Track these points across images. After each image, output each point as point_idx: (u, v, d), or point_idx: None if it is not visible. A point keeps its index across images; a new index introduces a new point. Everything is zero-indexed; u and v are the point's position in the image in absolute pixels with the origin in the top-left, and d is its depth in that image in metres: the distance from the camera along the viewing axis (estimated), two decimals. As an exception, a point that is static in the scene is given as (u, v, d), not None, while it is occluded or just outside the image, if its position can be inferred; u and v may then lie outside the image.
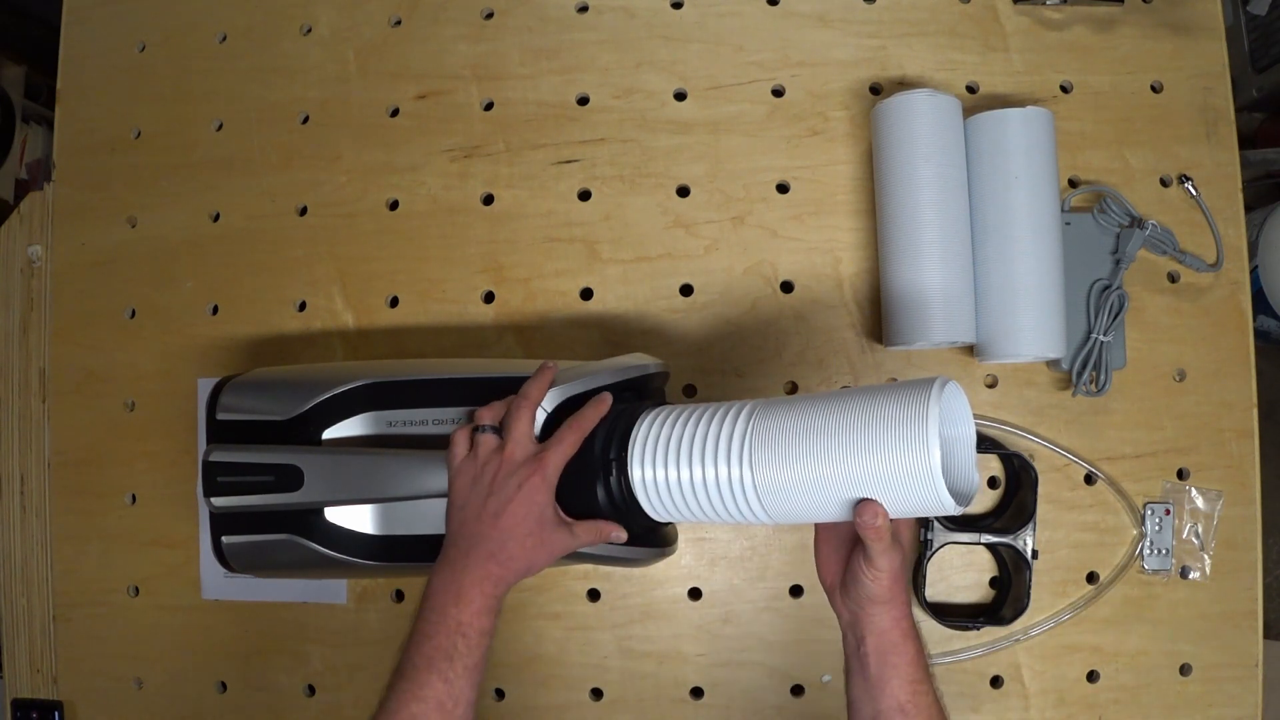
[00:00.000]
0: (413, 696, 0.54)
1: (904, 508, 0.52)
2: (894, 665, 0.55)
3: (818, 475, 0.52)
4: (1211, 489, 0.78)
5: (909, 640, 0.55)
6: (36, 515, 0.88)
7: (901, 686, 0.54)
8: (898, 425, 0.50)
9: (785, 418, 0.54)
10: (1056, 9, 0.82)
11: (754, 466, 0.54)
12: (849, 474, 0.52)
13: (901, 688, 0.54)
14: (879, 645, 0.55)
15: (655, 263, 0.82)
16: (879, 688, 0.55)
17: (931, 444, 0.49)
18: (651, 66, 0.84)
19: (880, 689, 0.55)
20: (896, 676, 0.55)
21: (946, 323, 0.72)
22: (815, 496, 0.53)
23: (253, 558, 0.69)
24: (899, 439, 0.50)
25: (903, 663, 0.55)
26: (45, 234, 0.90)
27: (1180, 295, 0.80)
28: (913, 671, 0.55)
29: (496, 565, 0.58)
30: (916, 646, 0.56)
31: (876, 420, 0.51)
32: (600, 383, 0.64)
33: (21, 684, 0.87)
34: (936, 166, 0.73)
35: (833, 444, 0.52)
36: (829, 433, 0.52)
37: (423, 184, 0.85)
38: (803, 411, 0.54)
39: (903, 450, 0.50)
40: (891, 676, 0.55)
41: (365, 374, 0.69)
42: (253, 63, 0.89)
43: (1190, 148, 0.81)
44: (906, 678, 0.55)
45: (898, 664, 0.55)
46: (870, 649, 0.56)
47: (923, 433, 0.49)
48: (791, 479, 0.53)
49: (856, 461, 0.51)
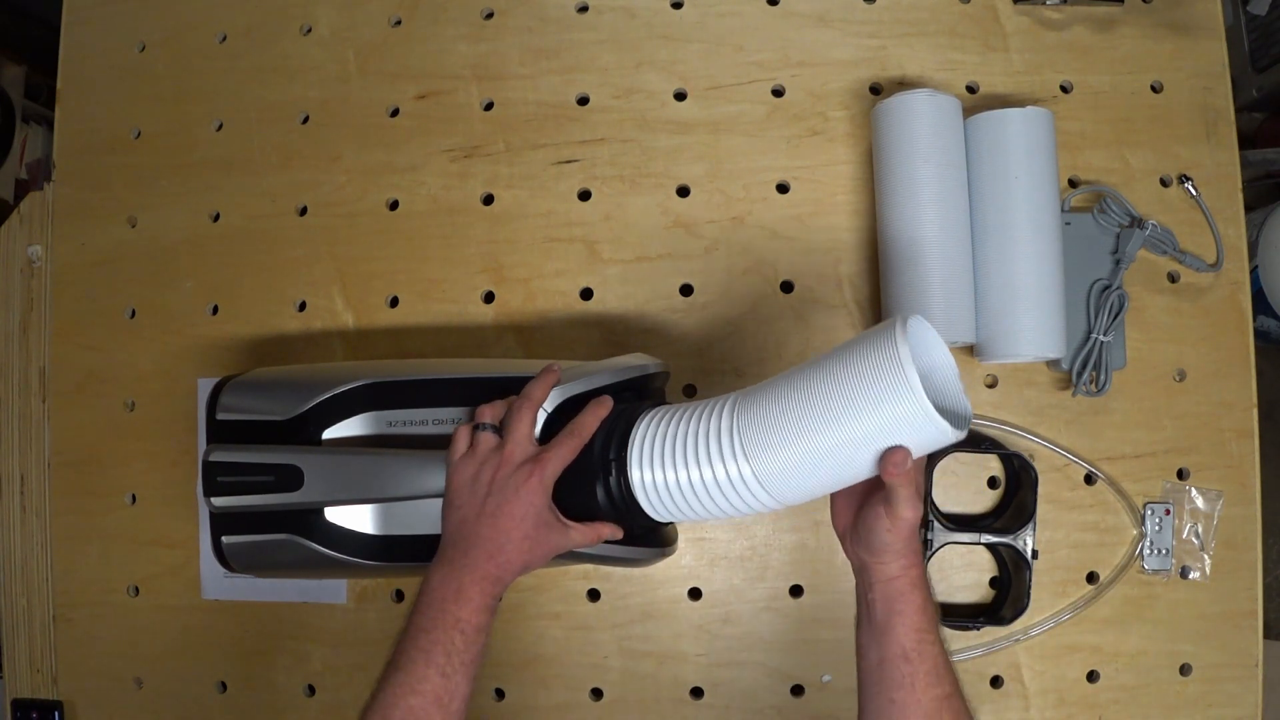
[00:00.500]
0: (410, 690, 0.54)
1: (896, 441, 0.52)
2: (900, 613, 0.55)
3: (814, 451, 0.53)
4: (1211, 489, 0.78)
5: (916, 589, 0.55)
6: (36, 515, 0.88)
7: (907, 634, 0.54)
8: (876, 377, 0.50)
9: (768, 402, 0.55)
10: (1056, 9, 0.82)
11: (750, 459, 0.55)
12: (845, 440, 0.52)
13: (907, 635, 0.54)
14: (886, 592, 0.55)
15: (655, 263, 0.82)
16: (885, 634, 0.55)
17: (913, 383, 0.49)
18: (651, 66, 0.84)
19: (886, 635, 0.55)
20: (902, 624, 0.54)
21: (946, 323, 0.72)
22: (819, 472, 0.54)
23: (253, 558, 0.69)
24: (881, 390, 0.50)
25: (909, 610, 0.55)
26: (45, 234, 0.90)
27: (1180, 295, 0.80)
28: (919, 620, 0.55)
29: (495, 565, 0.58)
30: (924, 596, 0.55)
31: (854, 379, 0.51)
32: (600, 383, 0.64)
33: (21, 684, 0.87)
34: (936, 166, 0.73)
35: (820, 416, 0.52)
36: (813, 406, 0.52)
37: (423, 184, 0.85)
38: (783, 391, 0.54)
39: (889, 399, 0.50)
40: (897, 624, 0.55)
41: (365, 374, 0.69)
42: (253, 63, 0.89)
43: (1190, 148, 0.81)
44: (912, 625, 0.54)
45: (904, 611, 0.55)
46: (878, 595, 0.56)
47: (900, 375, 0.49)
48: (789, 461, 0.54)
49: (848, 426, 0.51)
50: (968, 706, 0.55)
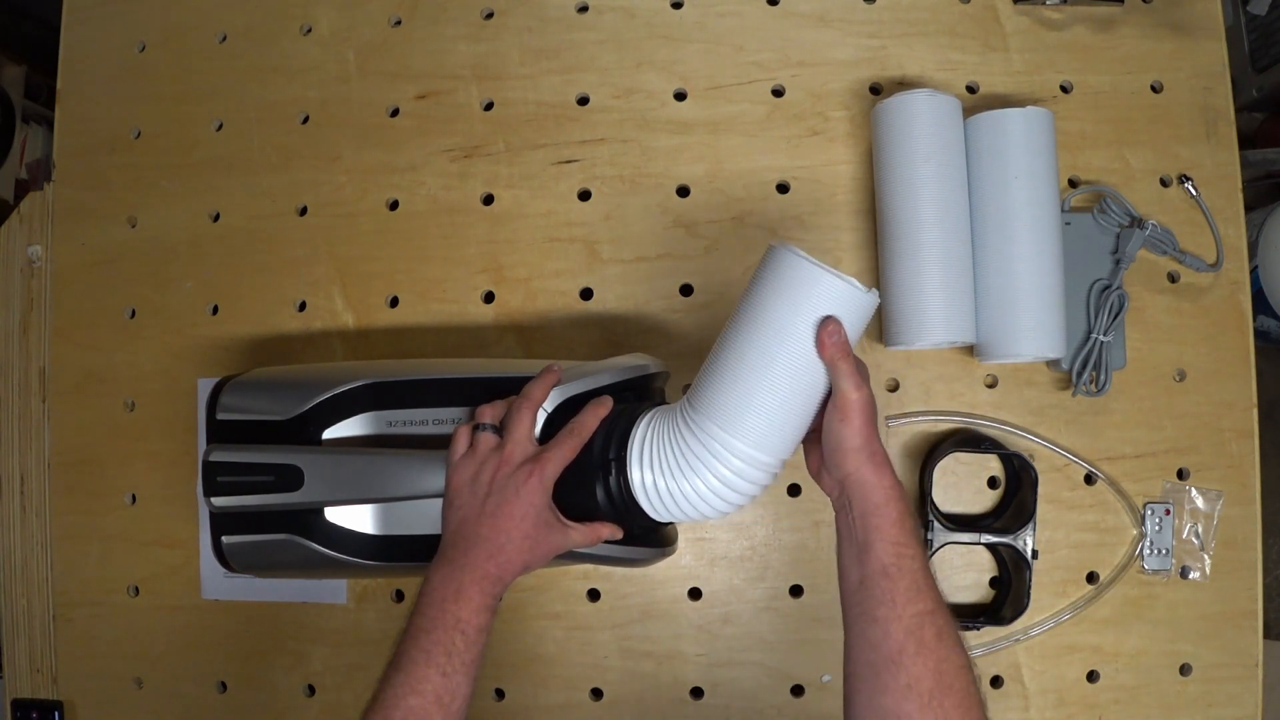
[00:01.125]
0: (410, 690, 0.54)
1: None
2: (877, 528, 0.54)
3: (771, 383, 0.56)
4: (1211, 489, 0.78)
5: (892, 503, 0.55)
6: (36, 515, 0.88)
7: (885, 549, 0.54)
8: (777, 281, 0.56)
9: (711, 374, 0.59)
10: (1056, 9, 0.82)
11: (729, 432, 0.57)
12: (787, 350, 0.55)
13: (886, 550, 0.54)
14: (863, 507, 0.55)
15: (655, 263, 0.82)
16: (865, 552, 0.54)
17: (807, 260, 0.55)
18: (651, 66, 0.84)
19: (866, 552, 0.54)
20: (880, 540, 0.54)
21: (946, 323, 0.72)
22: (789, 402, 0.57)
23: (253, 558, 0.69)
24: (786, 283, 0.56)
25: (885, 524, 0.54)
26: (45, 234, 0.90)
27: (1180, 295, 0.80)
28: (896, 534, 0.54)
29: (495, 565, 0.58)
30: (901, 509, 0.55)
31: (761, 297, 0.57)
32: (601, 383, 0.64)
33: (21, 684, 0.87)
34: (936, 166, 0.73)
35: (757, 348, 0.56)
36: (748, 343, 0.57)
37: (423, 184, 0.85)
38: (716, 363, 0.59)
39: (795, 286, 0.55)
40: (875, 540, 0.54)
41: (365, 374, 0.69)
42: (253, 63, 0.89)
43: (1190, 148, 0.81)
44: (890, 539, 0.54)
45: (880, 525, 0.54)
46: (857, 511, 0.55)
47: (794, 261, 0.56)
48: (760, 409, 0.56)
49: (780, 334, 0.56)
50: (952, 621, 0.54)
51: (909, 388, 0.80)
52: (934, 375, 0.80)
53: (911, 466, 0.80)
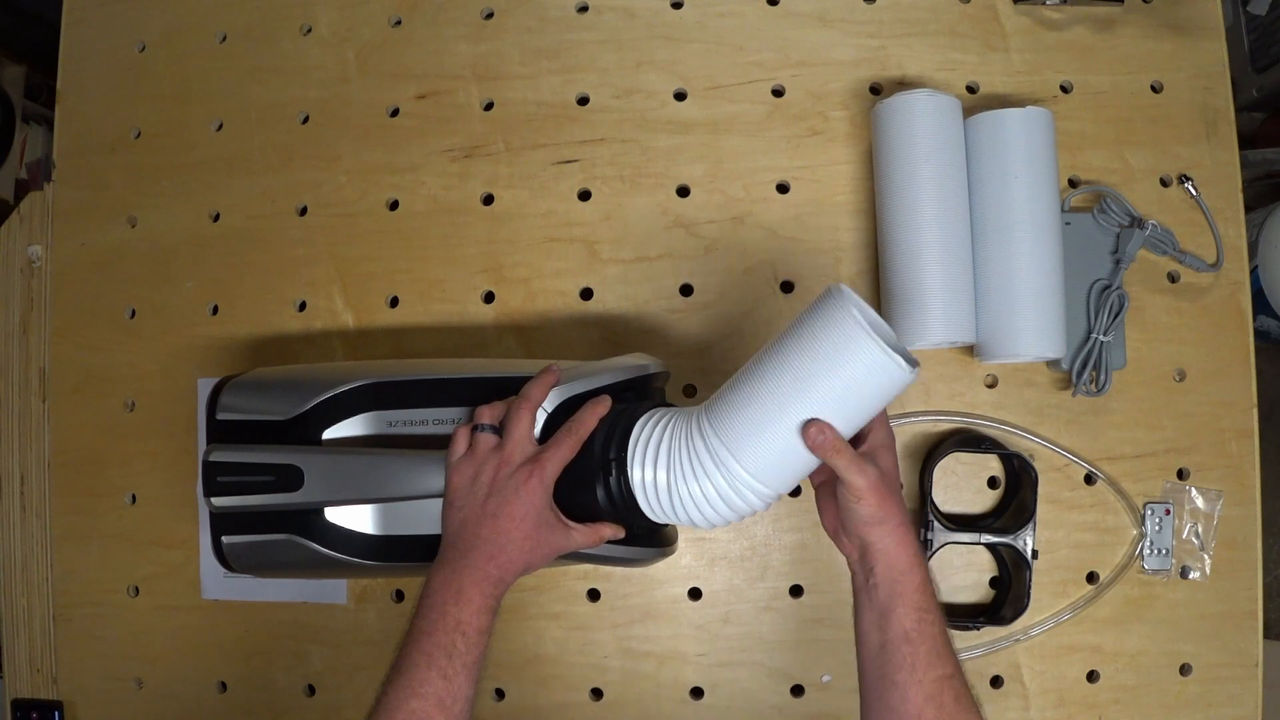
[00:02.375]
0: (412, 693, 0.54)
1: (861, 397, 0.54)
2: (900, 594, 0.55)
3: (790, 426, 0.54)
4: (1211, 489, 0.78)
5: (915, 568, 0.55)
6: (36, 515, 0.88)
7: (908, 614, 0.54)
8: (830, 334, 0.53)
9: (738, 394, 0.57)
10: (1056, 9, 0.82)
11: (734, 454, 0.56)
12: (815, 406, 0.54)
13: (908, 615, 0.54)
14: (887, 573, 0.55)
15: (655, 263, 0.82)
16: (886, 616, 0.55)
17: (866, 329, 0.52)
18: (651, 66, 0.84)
19: (888, 618, 0.55)
20: (903, 604, 0.55)
21: (946, 323, 0.72)
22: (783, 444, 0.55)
23: (253, 558, 0.69)
24: (838, 343, 0.53)
25: (909, 590, 0.55)
26: (45, 234, 0.90)
27: (1180, 295, 0.80)
28: (919, 599, 0.55)
29: (496, 567, 0.58)
30: (923, 575, 0.56)
31: (811, 342, 0.54)
32: (601, 383, 0.64)
33: (21, 684, 0.87)
34: (936, 166, 0.73)
35: (790, 388, 0.54)
36: (782, 381, 0.55)
37: (423, 184, 0.85)
38: (750, 378, 0.56)
39: (847, 349, 0.53)
40: (898, 604, 0.55)
41: (365, 374, 0.69)
42: (253, 63, 0.89)
43: (1190, 148, 0.81)
44: (913, 605, 0.55)
45: (904, 591, 0.55)
46: (879, 577, 0.56)
47: (854, 324, 0.52)
48: (769, 444, 0.55)
49: (815, 387, 0.54)
50: (968, 686, 0.55)
51: (909, 388, 0.80)
52: (934, 375, 0.80)
53: (911, 466, 0.80)
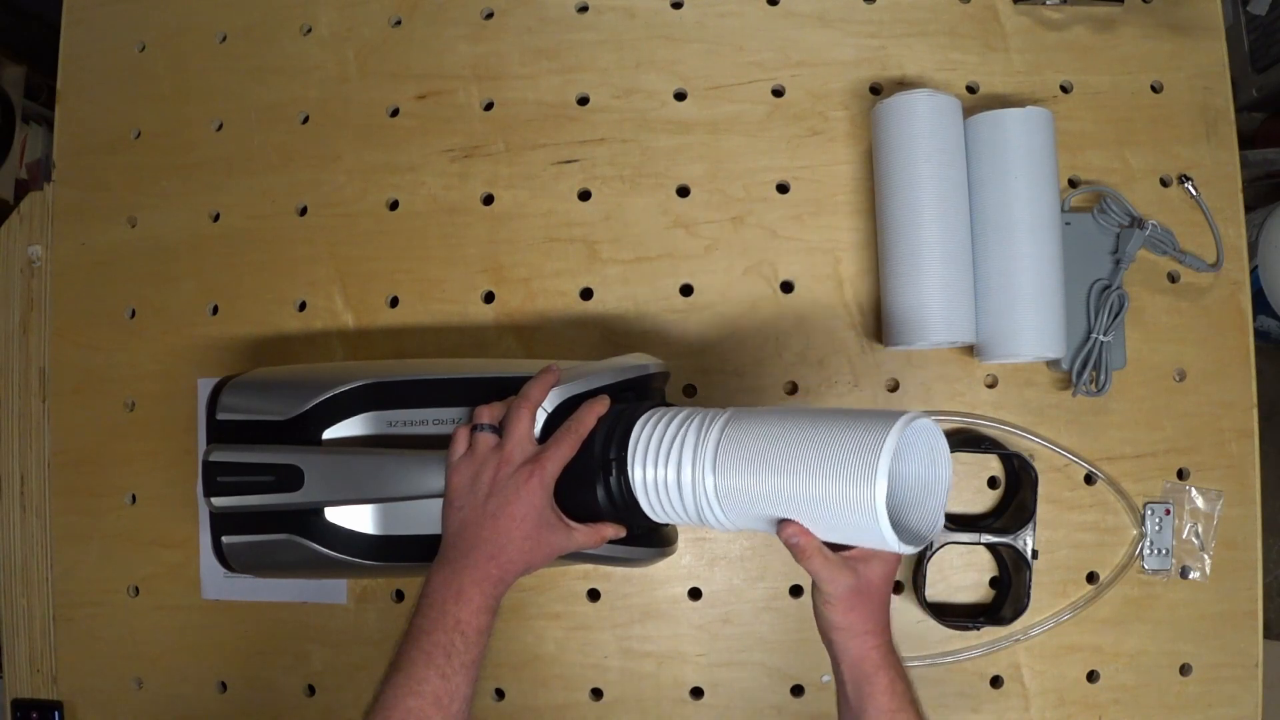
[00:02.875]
0: (409, 691, 0.54)
1: (846, 535, 0.52)
2: (869, 695, 0.55)
3: (773, 492, 0.53)
4: (1211, 489, 0.78)
5: (881, 670, 0.55)
6: (36, 515, 0.88)
7: (879, 715, 0.55)
8: (852, 453, 0.49)
9: (756, 429, 0.55)
10: (1056, 9, 0.82)
11: (718, 474, 0.55)
12: (801, 495, 0.52)
13: (879, 716, 0.55)
14: (853, 675, 0.56)
15: (655, 263, 0.82)
16: (858, 716, 0.56)
17: (879, 479, 0.47)
18: (651, 66, 0.84)
19: (860, 718, 0.55)
20: (873, 706, 0.55)
21: (946, 323, 0.72)
22: (769, 511, 0.54)
23: (253, 558, 0.69)
24: (849, 467, 0.49)
25: (876, 693, 0.55)
26: (45, 234, 0.90)
27: (1180, 295, 0.80)
28: (887, 701, 0.55)
29: (496, 567, 0.58)
30: (891, 676, 0.55)
31: (833, 445, 0.50)
32: (601, 383, 0.64)
33: (21, 684, 0.87)
34: (936, 166, 0.73)
35: (788, 462, 0.52)
36: (788, 450, 0.52)
37: (423, 184, 0.85)
38: (772, 425, 0.54)
39: (849, 480, 0.49)
40: (868, 706, 0.55)
41: (365, 374, 0.69)
42: (253, 63, 0.89)
43: (1190, 148, 0.81)
44: (883, 708, 0.55)
45: (872, 694, 0.55)
46: (846, 678, 0.56)
47: (871, 466, 0.48)
48: (749, 489, 0.54)
49: (808, 484, 0.51)
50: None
51: (909, 388, 0.80)
52: (934, 375, 0.80)
53: (911, 466, 0.80)
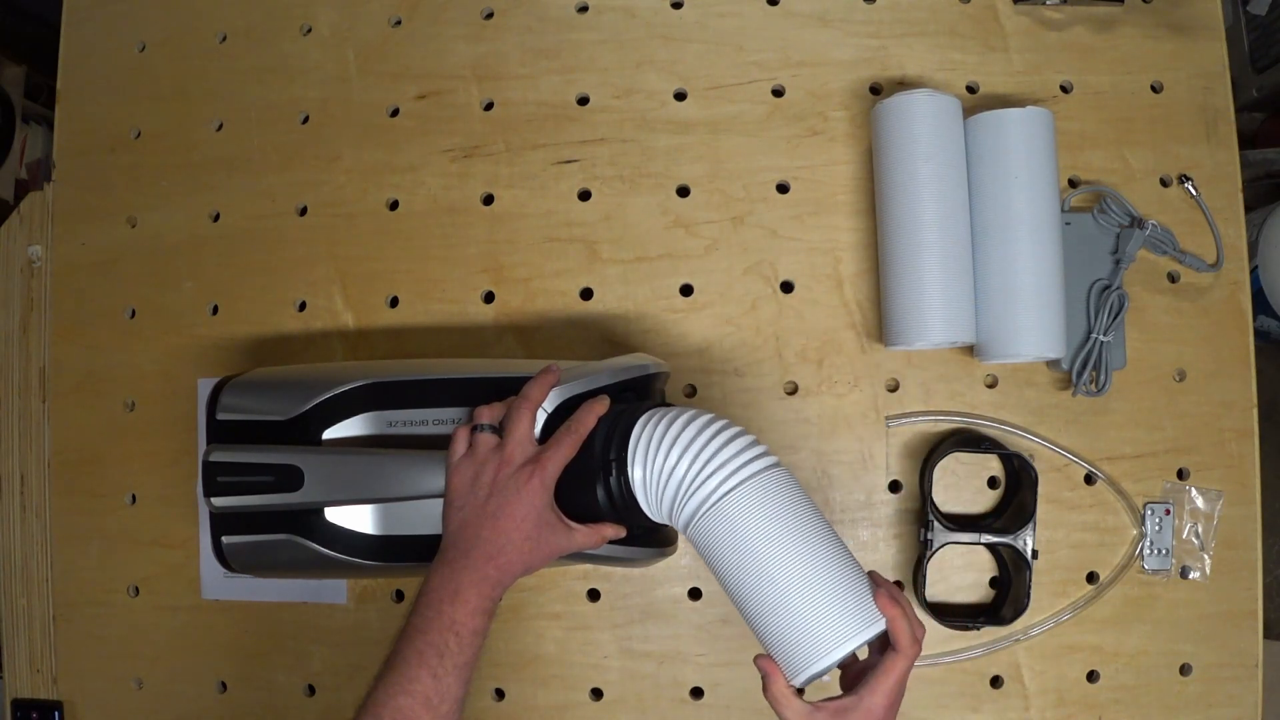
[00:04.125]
0: (400, 690, 0.54)
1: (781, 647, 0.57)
2: None
3: (742, 587, 0.57)
4: (1211, 489, 0.78)
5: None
6: (36, 515, 0.88)
7: None
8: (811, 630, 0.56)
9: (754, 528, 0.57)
10: (1056, 9, 0.82)
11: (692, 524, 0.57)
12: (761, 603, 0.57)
13: None
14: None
15: (655, 263, 0.82)
16: None
17: (824, 671, 0.57)
18: (651, 66, 0.84)
19: None
20: None
21: (946, 323, 0.72)
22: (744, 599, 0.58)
23: (253, 558, 0.69)
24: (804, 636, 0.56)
25: None
26: (45, 234, 0.90)
27: (1180, 295, 0.80)
28: None
29: (494, 568, 0.57)
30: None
31: (812, 595, 0.56)
32: (601, 383, 0.64)
33: (21, 684, 0.87)
34: (936, 166, 0.73)
35: (762, 591, 0.56)
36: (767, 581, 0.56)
37: (423, 184, 0.85)
38: (765, 543, 0.56)
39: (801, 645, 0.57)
40: None
41: (365, 374, 0.69)
42: (253, 63, 0.89)
43: (1190, 148, 0.81)
44: None
45: None
46: None
47: (817, 659, 0.57)
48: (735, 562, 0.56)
49: (770, 612, 0.56)
50: None
51: (909, 388, 0.80)
52: (934, 375, 0.80)
53: (911, 467, 0.80)
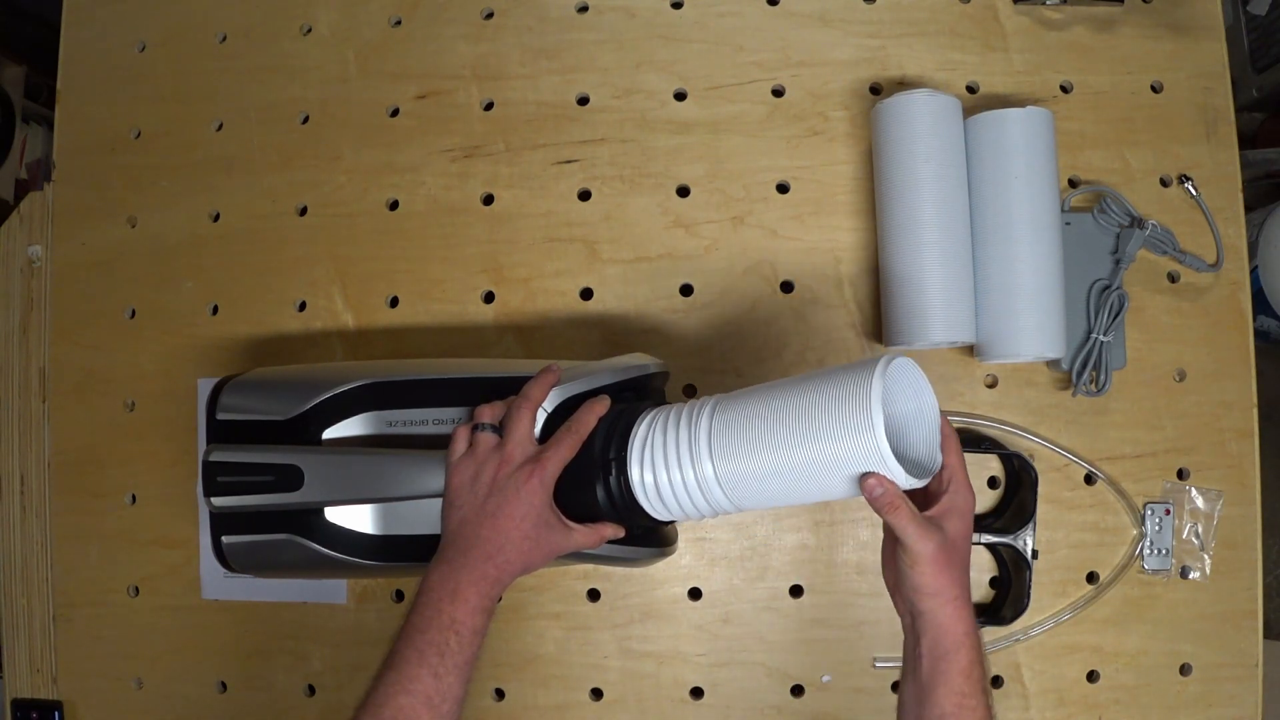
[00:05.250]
0: (401, 689, 0.54)
1: (856, 486, 0.53)
2: (944, 672, 0.52)
3: (773, 466, 0.54)
4: (1211, 489, 0.78)
5: (963, 649, 0.52)
6: (36, 515, 0.88)
7: (949, 697, 0.52)
8: (842, 407, 0.51)
9: (743, 409, 0.55)
10: (1056, 9, 0.82)
11: (716, 462, 0.55)
12: (802, 461, 0.52)
13: (948, 697, 0.52)
14: (933, 648, 0.53)
15: (655, 263, 0.82)
16: (927, 693, 0.53)
17: (876, 420, 0.49)
18: (651, 66, 0.84)
19: (928, 695, 0.53)
20: (944, 684, 0.52)
21: (946, 323, 0.72)
22: (774, 485, 0.55)
23: (253, 558, 0.69)
24: (844, 420, 0.51)
25: (953, 671, 0.52)
26: (45, 234, 0.90)
27: (1180, 295, 0.80)
28: (961, 683, 0.52)
29: (494, 567, 0.57)
30: (972, 656, 0.53)
31: (823, 404, 0.52)
32: (601, 383, 0.64)
33: (21, 684, 0.87)
34: (936, 166, 0.73)
35: (784, 434, 0.53)
36: (781, 423, 0.53)
37: (423, 184, 0.85)
38: (759, 401, 0.55)
39: (848, 431, 0.50)
40: (940, 683, 0.52)
41: (365, 374, 0.69)
42: (253, 63, 0.89)
43: (1190, 148, 0.81)
44: (954, 689, 0.52)
45: (948, 671, 0.52)
46: (925, 650, 0.53)
47: (865, 411, 0.50)
48: (750, 470, 0.54)
49: (806, 448, 0.52)
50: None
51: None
52: (934, 375, 0.80)
53: (911, 466, 0.80)
